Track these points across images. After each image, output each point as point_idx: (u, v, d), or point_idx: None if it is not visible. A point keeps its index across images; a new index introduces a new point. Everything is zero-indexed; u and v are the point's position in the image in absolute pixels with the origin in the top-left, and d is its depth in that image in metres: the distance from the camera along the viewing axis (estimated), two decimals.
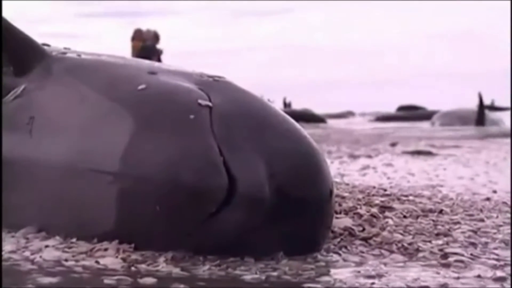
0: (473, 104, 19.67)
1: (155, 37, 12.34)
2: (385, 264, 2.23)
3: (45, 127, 2.41)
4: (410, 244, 2.43)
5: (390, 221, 2.68)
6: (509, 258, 2.32)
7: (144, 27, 12.33)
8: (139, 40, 12.01)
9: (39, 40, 2.71)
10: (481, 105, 18.73)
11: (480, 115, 18.32)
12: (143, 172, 2.17)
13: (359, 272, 2.11)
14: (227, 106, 2.28)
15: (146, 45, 11.82)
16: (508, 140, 9.91)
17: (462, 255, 2.33)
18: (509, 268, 2.21)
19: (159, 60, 11.02)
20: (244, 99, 2.36)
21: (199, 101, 2.26)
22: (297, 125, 2.37)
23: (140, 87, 2.33)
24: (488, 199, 3.59)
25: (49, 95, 2.49)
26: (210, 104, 2.26)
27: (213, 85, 2.38)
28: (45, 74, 2.55)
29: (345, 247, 2.37)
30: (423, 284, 2.01)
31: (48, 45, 2.75)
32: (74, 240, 2.27)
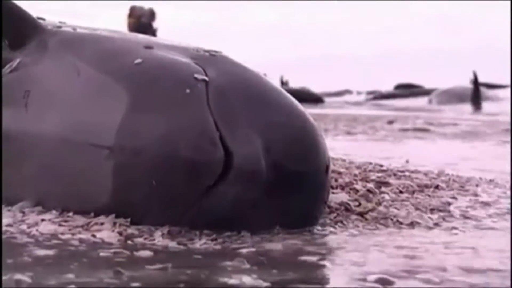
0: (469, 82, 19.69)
1: (151, 14, 12.26)
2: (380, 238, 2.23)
3: (40, 101, 2.40)
4: (405, 218, 2.44)
5: (386, 196, 2.69)
6: (505, 231, 2.33)
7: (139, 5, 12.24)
8: (134, 17, 11.93)
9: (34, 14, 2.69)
10: (476, 84, 18.68)
11: (476, 94, 18.29)
12: (139, 146, 2.17)
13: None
14: (223, 81, 2.27)
15: (141, 21, 11.75)
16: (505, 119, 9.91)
17: (457, 229, 2.35)
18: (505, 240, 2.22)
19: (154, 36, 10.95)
20: (241, 73, 2.35)
21: (195, 75, 2.25)
22: (294, 100, 2.37)
23: (136, 61, 2.33)
24: (484, 174, 3.60)
25: (44, 69, 2.48)
26: (206, 78, 2.25)
27: (209, 59, 2.37)
28: (40, 48, 2.54)
29: (341, 221, 2.38)
30: (417, 256, 2.02)
31: (43, 19, 2.74)
32: (70, 214, 2.27)
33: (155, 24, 12.16)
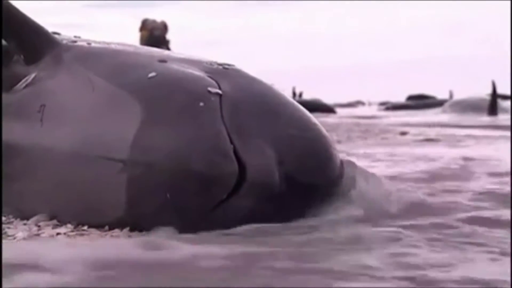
0: (483, 92, 19.57)
1: (164, 27, 12.30)
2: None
3: (56, 115, 2.42)
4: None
5: None
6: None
7: (152, 17, 12.28)
8: (146, 30, 11.97)
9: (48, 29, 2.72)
10: (494, 94, 18.51)
11: (493, 104, 18.14)
12: (153, 160, 2.18)
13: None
14: (237, 94, 2.28)
15: (155, 35, 11.79)
16: None
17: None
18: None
19: (168, 50, 10.99)
20: (254, 86, 2.37)
21: (209, 88, 2.27)
22: (306, 112, 2.38)
23: (150, 75, 2.34)
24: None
25: (59, 83, 2.50)
26: (220, 91, 2.27)
27: (223, 73, 2.39)
28: (55, 63, 2.56)
29: None
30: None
31: (58, 34, 2.76)
32: (85, 227, 2.29)
33: (168, 36, 12.19)
